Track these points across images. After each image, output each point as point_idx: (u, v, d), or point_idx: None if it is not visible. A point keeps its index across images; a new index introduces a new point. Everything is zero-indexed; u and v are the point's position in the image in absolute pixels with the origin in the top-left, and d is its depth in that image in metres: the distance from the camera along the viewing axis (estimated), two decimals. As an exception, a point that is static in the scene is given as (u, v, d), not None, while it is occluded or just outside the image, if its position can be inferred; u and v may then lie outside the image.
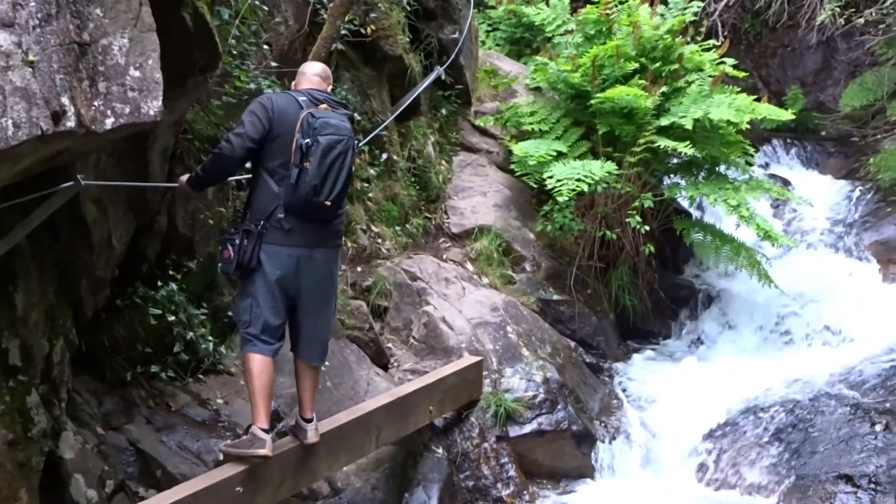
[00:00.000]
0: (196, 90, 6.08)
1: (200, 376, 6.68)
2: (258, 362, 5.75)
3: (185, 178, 6.02)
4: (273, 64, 7.42)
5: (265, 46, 7.37)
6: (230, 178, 6.52)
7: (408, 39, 10.24)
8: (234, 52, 6.85)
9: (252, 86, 6.96)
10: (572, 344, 9.82)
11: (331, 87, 6.24)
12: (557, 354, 9.16)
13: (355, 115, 8.84)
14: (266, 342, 5.79)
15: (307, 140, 5.64)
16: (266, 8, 7.18)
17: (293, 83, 6.20)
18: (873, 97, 15.36)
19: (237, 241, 5.71)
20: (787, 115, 10.65)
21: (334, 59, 8.31)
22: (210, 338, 6.71)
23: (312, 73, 6.13)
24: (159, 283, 6.45)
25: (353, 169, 5.89)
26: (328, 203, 5.70)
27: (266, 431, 5.72)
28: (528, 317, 9.44)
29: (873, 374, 9.49)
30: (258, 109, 5.73)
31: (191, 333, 6.53)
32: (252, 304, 5.78)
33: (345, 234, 8.85)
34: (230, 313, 6.91)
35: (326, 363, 6.90)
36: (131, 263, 6.41)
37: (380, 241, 9.38)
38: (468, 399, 8.07)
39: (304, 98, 5.84)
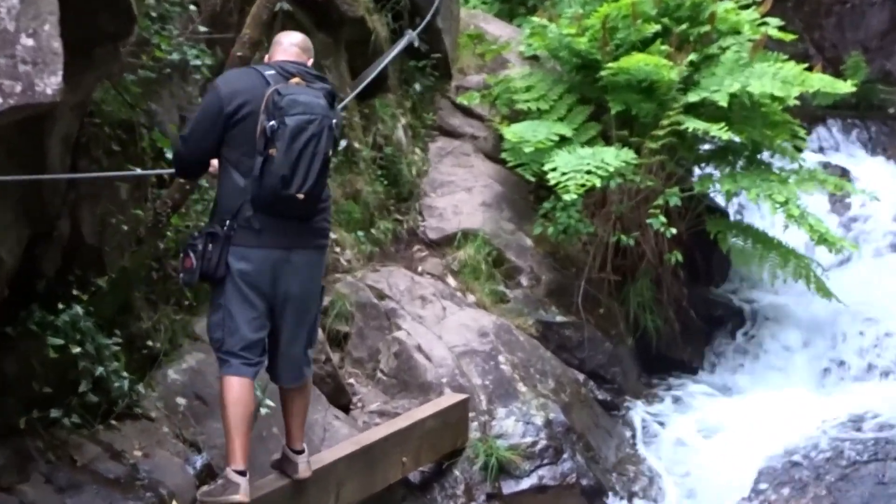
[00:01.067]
0: (105, 63, 6.06)
1: (113, 422, 6.63)
2: (235, 387, 5.84)
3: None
4: (202, 29, 7.40)
5: (192, 7, 7.35)
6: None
7: (372, -3, 10.28)
8: (153, 15, 6.82)
9: (175, 56, 6.94)
10: (581, 377, 9.85)
11: (312, 60, 6.30)
12: (562, 390, 9.18)
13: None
14: (245, 360, 5.89)
15: (272, 122, 5.69)
16: (193, -41, 7.21)
17: (266, 56, 6.29)
18: (952, 65, 15.49)
19: (200, 248, 5.81)
20: (846, 88, 10.69)
21: (279, 23, 8.30)
22: (125, 374, 6.66)
23: (290, 44, 6.22)
24: (60, 306, 6.40)
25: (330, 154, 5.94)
26: (301, 196, 5.76)
27: (241, 473, 5.80)
28: (525, 343, 9.46)
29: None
30: (206, 100, 5.90)
31: (100, 368, 6.48)
32: (224, 318, 5.89)
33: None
34: (149, 342, 6.89)
35: (272, 403, 6.93)
36: (24, 281, 6.37)
37: (338, 250, 9.38)
38: (451, 447, 8.07)
39: (273, 72, 5.91)
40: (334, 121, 5.99)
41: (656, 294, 10.86)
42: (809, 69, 10.67)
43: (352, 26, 9.87)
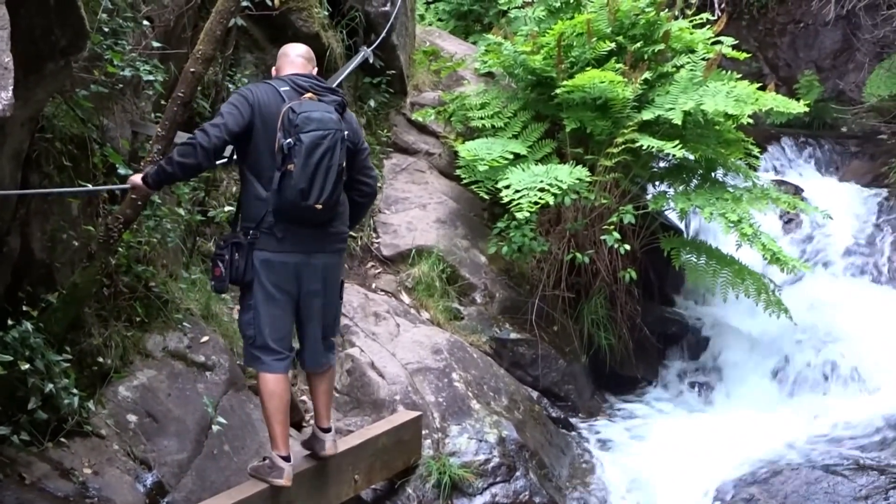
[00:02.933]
0: (57, 78, 6.06)
1: (62, 440, 6.60)
2: (270, 382, 6.47)
3: (136, 177, 6.39)
4: (155, 44, 7.40)
5: (145, 22, 7.34)
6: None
7: (326, 13, 10.29)
8: (106, 30, 6.82)
9: (128, 72, 6.95)
10: (534, 394, 9.89)
11: (315, 68, 6.78)
12: (516, 408, 9.21)
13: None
14: (277, 357, 6.48)
15: (289, 140, 6.17)
16: (146, -26, 7.21)
17: (274, 68, 6.73)
18: (904, 85, 15.67)
19: (227, 257, 6.36)
20: (799, 108, 10.75)
21: (233, 38, 8.34)
22: (75, 391, 6.64)
23: (296, 55, 6.72)
24: (10, 322, 6.39)
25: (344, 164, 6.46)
26: (319, 206, 6.26)
27: (286, 459, 6.49)
28: (478, 361, 9.48)
29: (907, 430, 9.69)
30: (238, 100, 6.31)
31: (50, 385, 6.46)
32: (255, 317, 6.45)
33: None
34: (100, 359, 6.87)
35: (224, 421, 6.95)
36: (-27, 297, 6.36)
37: (291, 266, 9.37)
38: (404, 465, 8.08)
39: (287, 88, 6.40)
40: (346, 132, 6.44)
41: (610, 311, 10.91)
42: (763, 88, 10.78)
43: (306, 42, 9.78)
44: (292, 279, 6.45)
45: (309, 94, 6.38)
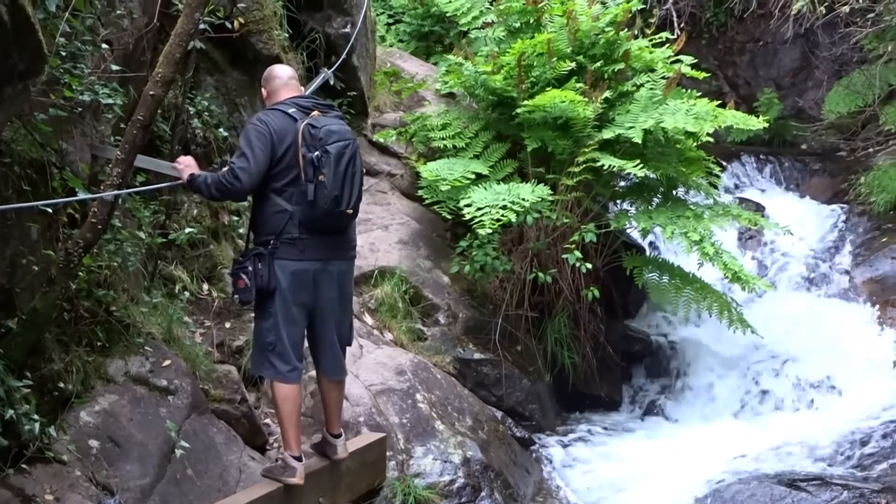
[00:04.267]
0: (14, 102, 6.04)
1: (23, 466, 6.56)
2: (285, 389, 6.92)
3: (189, 171, 6.95)
4: (114, 67, 7.39)
5: (104, 46, 7.33)
6: None
7: (287, 35, 10.31)
8: (64, 54, 6.79)
9: (87, 96, 6.93)
10: (499, 414, 9.90)
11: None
12: (480, 428, 9.22)
13: (221, 130, 8.91)
14: (291, 368, 6.91)
15: (316, 153, 6.65)
16: (105, -3, 7.20)
17: (267, 92, 7.14)
18: (862, 102, 15.86)
19: (250, 268, 6.75)
20: (758, 124, 10.76)
21: (193, 61, 8.33)
22: (35, 417, 6.60)
23: (289, 78, 7.17)
24: (-31, 348, 6.36)
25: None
26: (350, 211, 6.82)
27: (298, 459, 6.97)
28: (442, 381, 9.50)
29: (869, 444, 9.77)
30: (258, 139, 6.70)
31: (10, 412, 6.43)
32: (275, 324, 6.85)
33: (210, 279, 8.87)
34: (61, 384, 6.84)
35: (187, 445, 6.93)
36: (-68, 323, 6.32)
37: (254, 288, 9.36)
38: (368, 487, 8.07)
39: (294, 109, 6.84)
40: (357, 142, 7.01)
41: (574, 330, 10.94)
42: (723, 106, 10.83)
43: (267, 64, 9.76)
44: (311, 287, 6.88)
45: (315, 112, 6.85)
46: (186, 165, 7.03)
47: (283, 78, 7.16)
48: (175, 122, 8.44)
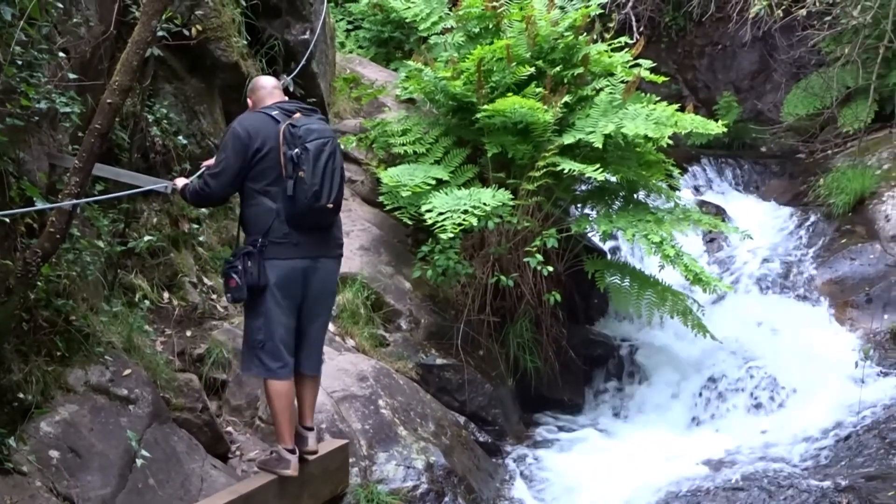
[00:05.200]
0: (-29, 111, 6.03)
1: (-17, 478, 6.56)
2: (277, 385, 7.14)
3: (180, 181, 7.38)
4: (72, 76, 7.36)
5: (61, 54, 7.30)
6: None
7: (245, 42, 10.28)
8: (20, 62, 6.77)
9: (44, 104, 6.90)
10: (462, 419, 9.93)
11: None
12: (443, 433, 9.24)
13: (180, 138, 8.90)
14: (282, 365, 7.13)
15: (296, 150, 6.91)
16: (61, 5, 7.12)
17: (252, 101, 7.37)
18: (821, 104, 16.00)
19: (240, 266, 6.94)
20: (717, 129, 10.83)
21: (151, 68, 8.30)
22: (-6, 428, 6.61)
23: (273, 87, 7.46)
24: (-73, 360, 6.34)
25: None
26: (331, 206, 7.03)
27: (291, 451, 7.22)
28: (405, 387, 9.51)
29: (829, 444, 9.86)
30: (231, 142, 7.02)
31: (-31, 423, 6.43)
32: (265, 322, 7.06)
33: (170, 288, 8.85)
34: (21, 394, 6.82)
35: (148, 454, 6.92)
36: None
37: (214, 296, 9.35)
38: (331, 493, 8.06)
39: (277, 112, 7.13)
40: (338, 142, 7.42)
41: (536, 334, 10.99)
42: (682, 109, 10.89)
43: (226, 71, 9.87)
44: (300, 284, 7.10)
45: (297, 114, 7.12)
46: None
47: (268, 87, 7.43)
48: (133, 130, 8.42)
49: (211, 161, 7.44)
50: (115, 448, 6.97)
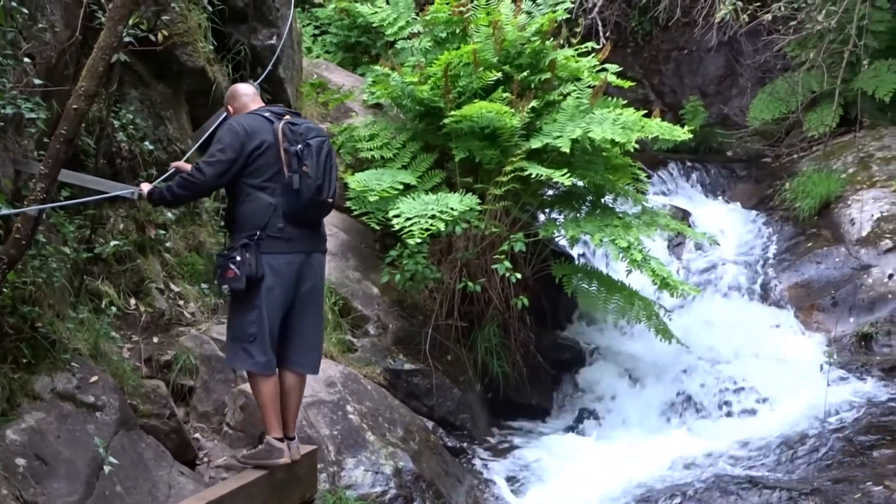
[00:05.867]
0: (-65, 117, 6.01)
1: (-51, 486, 6.53)
2: (263, 378, 7.27)
3: (146, 186, 7.43)
4: (37, 81, 7.34)
5: (26, 60, 7.29)
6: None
7: (212, 47, 10.27)
8: (-14, 68, 6.78)
9: (9, 109, 6.88)
10: (430, 424, 9.94)
11: None
12: (411, 438, 9.25)
13: (147, 143, 8.89)
14: (269, 359, 7.26)
15: (298, 146, 7.16)
16: (26, 11, 7.11)
17: (235, 108, 7.59)
18: (786, 109, 16.16)
19: (238, 258, 7.08)
20: (683, 135, 10.85)
21: (117, 74, 8.27)
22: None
23: (254, 94, 7.72)
24: None
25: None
26: (330, 200, 7.32)
27: (281, 440, 7.39)
28: (373, 392, 9.51)
29: (796, 448, 9.92)
30: (229, 137, 7.19)
31: (-65, 431, 6.40)
32: (258, 316, 7.18)
33: (137, 294, 8.83)
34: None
35: (116, 461, 6.90)
36: None
37: (182, 303, 9.33)
38: (300, 499, 8.04)
39: (269, 113, 7.39)
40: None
41: (504, 339, 11.02)
42: (649, 114, 10.95)
43: (192, 77, 9.85)
44: (293, 278, 7.27)
45: (287, 116, 7.38)
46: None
47: (250, 94, 7.68)
48: (100, 135, 8.39)
49: (180, 163, 7.73)
50: (83, 455, 6.94)
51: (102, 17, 7.86)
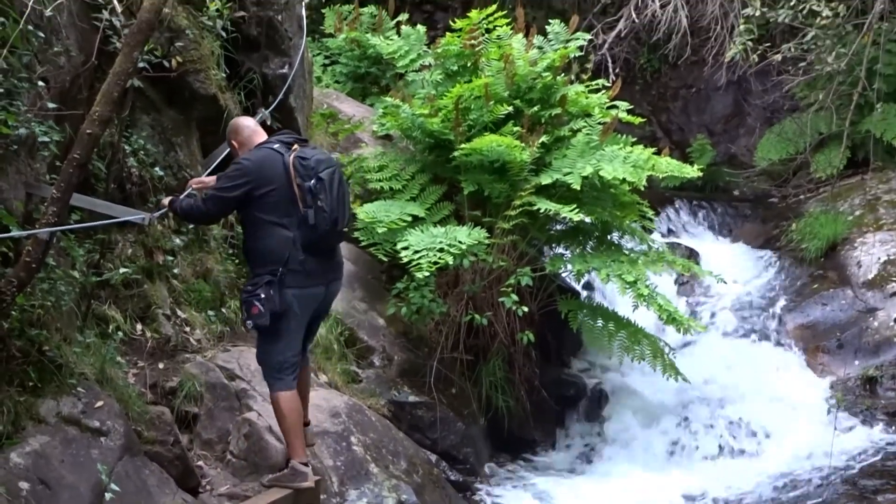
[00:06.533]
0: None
1: (-49, 509, 6.51)
2: (289, 400, 7.64)
3: (167, 200, 7.92)
4: (51, 105, 7.36)
5: (41, 83, 7.30)
6: None
7: (224, 75, 10.28)
8: (1, 90, 6.78)
9: (23, 131, 6.89)
10: (433, 457, 9.92)
11: None
12: (415, 471, 9.22)
13: (157, 169, 8.91)
14: (294, 377, 7.72)
15: (311, 182, 7.37)
16: (42, 35, 7.13)
17: (238, 142, 7.82)
18: (794, 149, 16.12)
19: (262, 295, 7.37)
20: (693, 172, 10.83)
21: (129, 99, 8.29)
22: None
23: (255, 125, 7.96)
24: None
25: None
26: (345, 230, 7.71)
27: (305, 464, 7.70)
28: (377, 424, 9.48)
29: (799, 489, 9.91)
30: (239, 176, 7.44)
31: (-61, 453, 6.38)
32: (287, 344, 7.61)
33: (143, 319, 8.82)
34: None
35: (118, 488, 6.90)
36: None
37: (188, 329, 9.32)
38: (302, 530, 8.04)
39: (278, 145, 7.58)
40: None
41: (508, 374, 10.98)
42: (658, 152, 10.94)
43: (204, 104, 9.85)
44: (314, 307, 7.74)
45: (296, 146, 7.57)
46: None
47: (251, 126, 7.90)
48: (111, 160, 8.40)
49: (201, 178, 8.09)
50: (86, 480, 6.92)
51: (117, 42, 7.88)
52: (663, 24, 16.24)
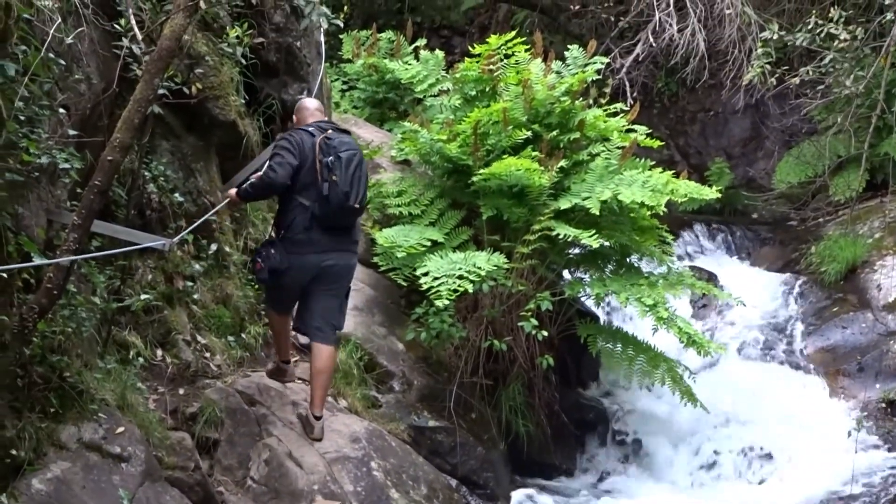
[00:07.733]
0: (-28, 166, 6.03)
1: (-27, 538, 6.51)
2: (276, 314, 9.06)
3: (232, 191, 8.92)
4: (72, 132, 7.39)
5: (62, 110, 7.33)
6: None
7: (243, 101, 10.32)
8: (22, 118, 6.79)
9: (44, 159, 6.91)
10: (453, 482, 9.89)
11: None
12: (435, 496, 9.20)
13: (177, 195, 8.95)
14: (283, 309, 8.97)
15: (330, 157, 8.31)
16: (63, 63, 7.15)
17: (296, 119, 8.88)
18: (812, 172, 16.08)
19: (264, 253, 8.42)
20: (712, 194, 10.81)
21: (149, 126, 8.32)
22: (-14, 486, 6.56)
23: (315, 108, 8.97)
24: (-80, 414, 6.30)
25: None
26: (357, 206, 8.44)
27: (318, 419, 8.74)
28: (397, 449, 9.47)
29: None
30: (287, 145, 8.42)
31: (-40, 480, 6.38)
32: (279, 295, 8.78)
33: (164, 345, 8.83)
34: (13, 451, 6.77)
35: None
36: None
37: (208, 355, 9.33)
38: (322, 556, 8.03)
39: (314, 128, 8.55)
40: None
41: (528, 398, 10.96)
42: (675, 175, 10.93)
43: (223, 130, 9.88)
44: (311, 273, 8.52)
45: (330, 131, 8.55)
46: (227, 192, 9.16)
47: (311, 108, 8.93)
48: (131, 187, 8.43)
49: (260, 173, 8.74)
50: (107, 507, 6.92)
51: (137, 69, 7.91)
52: (681, 47, 16.20)
